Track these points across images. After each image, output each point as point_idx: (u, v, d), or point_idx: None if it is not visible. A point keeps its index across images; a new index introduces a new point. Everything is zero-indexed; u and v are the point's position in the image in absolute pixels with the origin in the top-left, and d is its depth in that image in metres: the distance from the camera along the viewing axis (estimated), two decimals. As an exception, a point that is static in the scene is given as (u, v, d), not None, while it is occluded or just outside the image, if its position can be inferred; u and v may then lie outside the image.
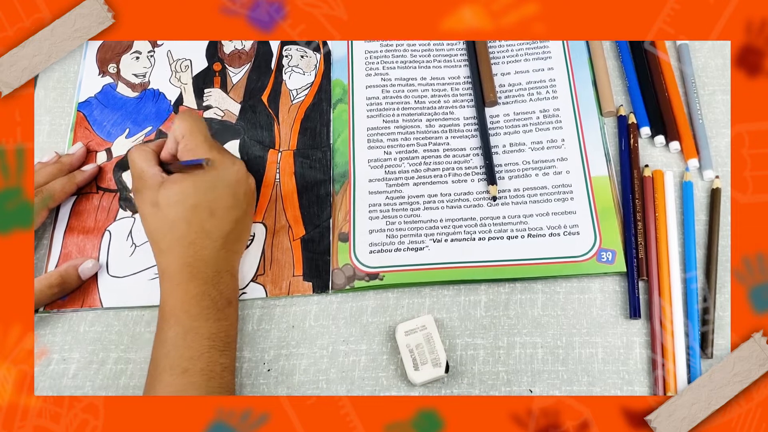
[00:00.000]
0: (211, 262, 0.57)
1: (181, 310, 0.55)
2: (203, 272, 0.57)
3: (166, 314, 0.56)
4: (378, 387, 0.59)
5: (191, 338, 0.55)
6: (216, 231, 0.58)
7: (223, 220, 0.58)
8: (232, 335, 0.57)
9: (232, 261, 0.59)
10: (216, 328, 0.56)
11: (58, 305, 0.63)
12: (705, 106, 0.68)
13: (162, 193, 0.58)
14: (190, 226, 0.57)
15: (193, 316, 0.55)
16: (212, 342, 0.55)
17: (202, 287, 0.56)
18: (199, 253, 0.57)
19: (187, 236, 0.57)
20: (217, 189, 0.58)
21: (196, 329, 0.55)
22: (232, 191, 0.59)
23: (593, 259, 0.62)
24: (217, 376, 0.54)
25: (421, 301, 0.62)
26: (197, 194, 0.57)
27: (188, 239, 0.57)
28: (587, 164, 0.66)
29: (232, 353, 0.57)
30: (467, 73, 0.72)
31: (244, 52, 0.74)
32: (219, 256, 0.58)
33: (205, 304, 0.56)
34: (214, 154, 0.60)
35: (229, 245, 0.59)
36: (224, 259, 0.58)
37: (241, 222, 0.60)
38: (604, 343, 0.59)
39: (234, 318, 0.58)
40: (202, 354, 0.54)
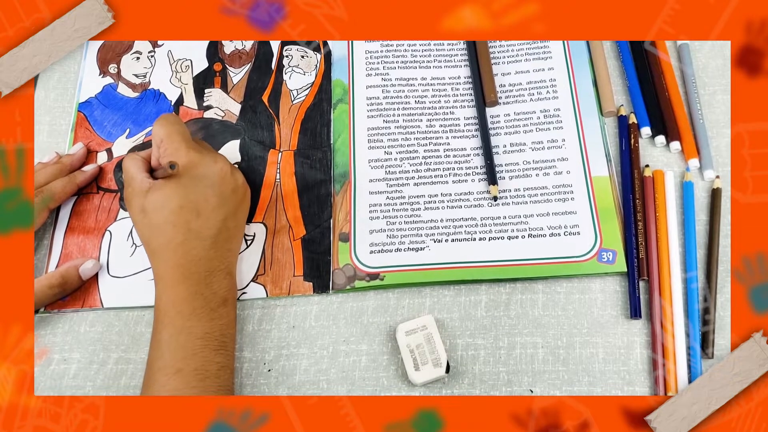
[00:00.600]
0: (202, 262, 0.57)
1: (174, 311, 0.55)
2: (195, 273, 0.57)
3: (160, 315, 0.56)
4: (378, 387, 0.59)
5: (184, 338, 0.55)
6: (204, 231, 0.58)
7: (210, 220, 0.58)
8: (228, 334, 0.57)
9: (226, 259, 0.59)
10: (209, 328, 0.56)
11: (58, 305, 0.63)
12: (705, 106, 0.68)
13: (148, 199, 0.58)
14: (176, 228, 0.57)
15: (186, 316, 0.55)
16: (206, 341, 0.55)
17: (194, 287, 0.56)
18: (189, 254, 0.57)
19: (174, 238, 0.57)
20: (199, 189, 0.59)
21: (189, 329, 0.55)
22: (216, 190, 0.59)
23: (594, 259, 0.62)
24: (212, 375, 0.54)
25: (421, 301, 0.62)
26: (180, 196, 0.58)
27: (176, 241, 0.57)
28: (588, 164, 0.66)
29: (228, 352, 0.57)
30: (468, 73, 0.72)
31: (245, 52, 0.74)
32: (210, 256, 0.58)
33: (197, 304, 0.56)
34: (192, 156, 0.60)
35: (220, 244, 0.59)
36: (217, 258, 0.58)
37: (231, 219, 0.60)
38: (604, 344, 0.59)
39: (230, 317, 0.58)
40: (195, 353, 0.54)
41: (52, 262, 0.65)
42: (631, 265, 0.61)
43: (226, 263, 0.59)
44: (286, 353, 0.61)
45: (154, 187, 0.58)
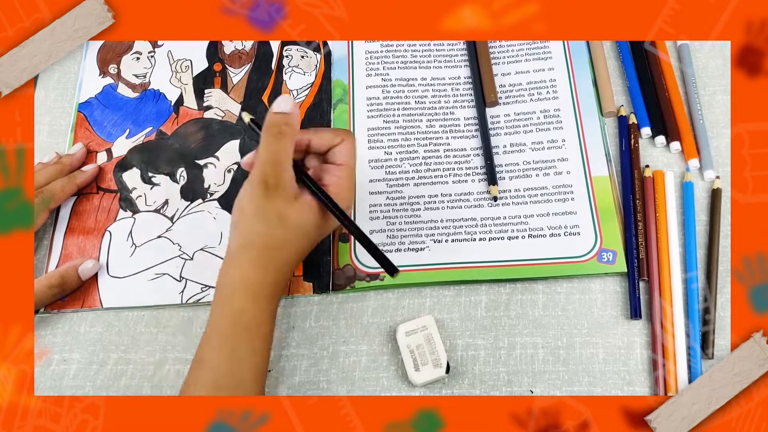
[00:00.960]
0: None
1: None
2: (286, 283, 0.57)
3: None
4: (379, 388, 0.59)
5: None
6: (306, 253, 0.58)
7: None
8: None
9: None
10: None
11: (58, 306, 0.63)
12: (705, 107, 0.68)
13: (294, 207, 0.55)
14: (310, 242, 0.57)
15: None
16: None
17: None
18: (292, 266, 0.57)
19: (305, 251, 0.57)
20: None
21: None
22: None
23: (594, 260, 0.62)
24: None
25: (421, 301, 0.62)
26: (318, 215, 0.56)
27: (303, 254, 0.57)
28: (588, 164, 0.66)
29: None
30: (468, 74, 0.72)
31: (245, 52, 0.74)
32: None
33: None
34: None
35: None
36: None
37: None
38: (604, 344, 0.59)
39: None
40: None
41: (52, 262, 0.64)
42: (631, 266, 0.61)
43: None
44: (287, 354, 0.61)
45: (302, 196, 0.55)
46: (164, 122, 0.71)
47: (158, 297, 0.63)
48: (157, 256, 0.65)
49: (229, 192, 0.67)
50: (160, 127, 0.71)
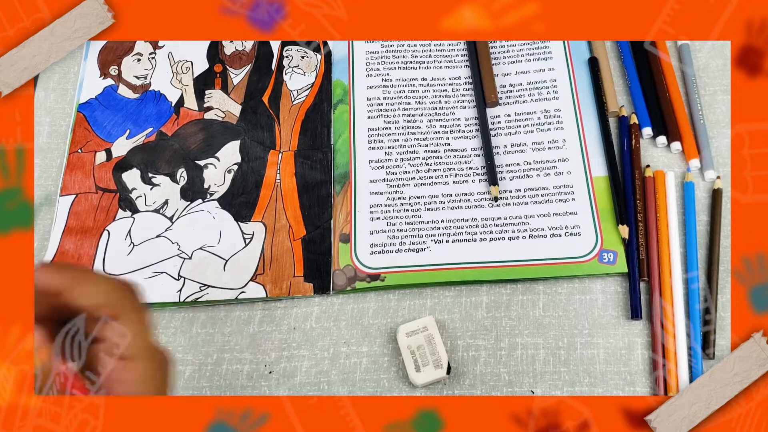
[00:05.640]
0: None
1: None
2: None
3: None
4: (379, 389, 0.59)
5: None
6: None
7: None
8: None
9: None
10: None
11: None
12: (706, 107, 0.68)
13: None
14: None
15: None
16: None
17: None
18: None
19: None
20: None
21: None
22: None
23: (594, 260, 0.62)
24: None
25: (422, 302, 0.62)
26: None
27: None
28: (588, 165, 0.66)
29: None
30: (468, 74, 0.72)
31: (245, 53, 0.75)
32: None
33: None
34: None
35: None
36: None
37: None
38: (605, 344, 0.59)
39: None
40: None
41: (46, 260, 0.64)
42: (631, 266, 0.61)
43: None
44: (287, 355, 0.61)
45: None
46: (165, 123, 0.71)
47: (154, 295, 0.63)
48: (155, 254, 0.65)
49: (229, 192, 0.67)
50: (160, 128, 0.71)
